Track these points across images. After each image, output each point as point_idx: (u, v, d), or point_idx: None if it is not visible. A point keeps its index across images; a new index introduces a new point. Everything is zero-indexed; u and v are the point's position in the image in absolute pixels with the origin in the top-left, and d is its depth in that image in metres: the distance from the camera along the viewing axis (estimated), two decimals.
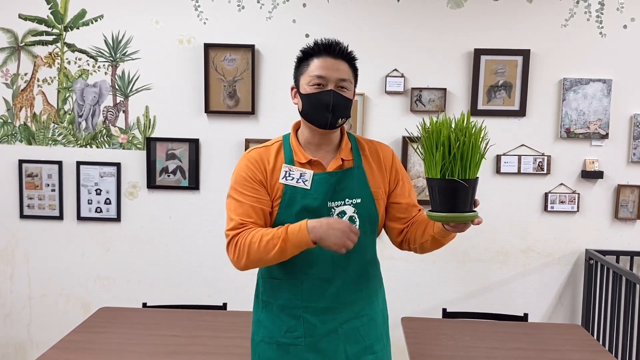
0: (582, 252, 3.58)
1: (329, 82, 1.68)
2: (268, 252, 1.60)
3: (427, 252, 1.78)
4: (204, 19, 3.51)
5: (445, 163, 1.48)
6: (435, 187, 1.51)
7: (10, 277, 3.68)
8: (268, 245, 1.60)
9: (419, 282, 3.61)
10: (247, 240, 1.63)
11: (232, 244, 1.67)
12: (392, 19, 3.49)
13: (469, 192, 1.50)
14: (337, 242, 1.55)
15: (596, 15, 3.45)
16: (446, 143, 1.48)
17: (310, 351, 1.72)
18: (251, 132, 3.56)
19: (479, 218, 1.53)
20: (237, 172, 1.75)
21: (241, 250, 1.64)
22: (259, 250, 1.61)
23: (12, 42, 3.56)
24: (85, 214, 3.62)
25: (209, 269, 3.62)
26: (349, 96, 1.71)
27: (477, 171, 1.52)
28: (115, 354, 2.22)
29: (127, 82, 3.56)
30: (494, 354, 2.32)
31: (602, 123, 3.48)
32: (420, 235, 1.73)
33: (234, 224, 1.68)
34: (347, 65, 1.71)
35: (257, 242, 1.61)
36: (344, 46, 1.71)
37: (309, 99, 1.69)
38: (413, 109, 3.50)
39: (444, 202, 1.50)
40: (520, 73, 3.48)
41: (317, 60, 1.69)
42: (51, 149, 3.61)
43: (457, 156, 1.47)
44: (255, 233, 1.63)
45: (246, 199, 1.70)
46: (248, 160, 1.74)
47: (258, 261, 1.64)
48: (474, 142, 1.49)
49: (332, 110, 1.67)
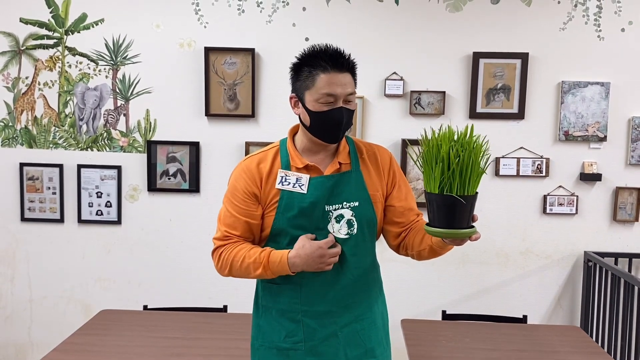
0: (581, 254, 3.59)
1: (338, 98, 1.65)
2: (249, 273, 1.69)
3: (424, 260, 1.79)
4: (205, 22, 3.53)
5: (444, 178, 1.47)
6: (434, 201, 1.50)
7: (11, 279, 3.69)
8: (249, 267, 1.68)
9: (419, 285, 3.62)
10: (230, 257, 1.71)
11: (217, 254, 1.75)
12: (392, 23, 3.51)
13: (467, 208, 1.48)
14: (318, 268, 1.64)
15: (594, 18, 3.47)
16: (445, 158, 1.46)
17: (310, 355, 1.71)
18: (251, 135, 3.57)
19: (476, 234, 1.53)
20: (232, 182, 1.77)
21: (224, 264, 1.73)
22: (241, 270, 1.70)
23: (14, 45, 3.58)
24: (86, 217, 3.63)
25: (209, 272, 3.58)
26: (354, 107, 1.72)
27: (477, 187, 1.50)
28: (116, 356, 2.22)
29: (127, 86, 3.58)
30: (493, 355, 2.33)
31: (600, 126, 3.50)
32: (418, 243, 1.74)
33: (219, 235, 1.76)
34: (350, 76, 1.69)
35: (239, 261, 1.69)
36: (347, 58, 1.68)
37: (318, 116, 1.67)
38: (412, 112, 3.51)
39: (442, 218, 1.49)
40: (519, 76, 3.49)
41: (324, 76, 1.64)
42: (52, 152, 3.62)
43: (456, 172, 1.45)
44: (239, 251, 1.70)
45: (235, 210, 1.73)
46: (242, 170, 1.75)
47: (240, 276, 1.73)
48: (473, 159, 1.46)
49: (343, 128, 1.68)
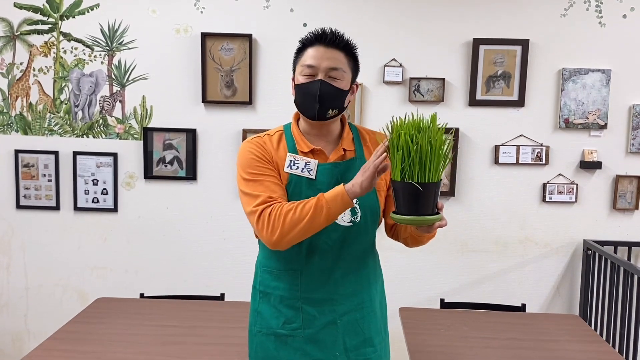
0: (580, 243, 3.58)
1: (319, 71, 1.64)
2: (303, 219, 1.53)
3: (412, 247, 1.79)
4: (201, 7, 3.49)
5: (405, 166, 1.48)
6: (398, 189, 1.51)
7: (6, 268, 3.67)
8: (304, 211, 1.53)
9: (417, 273, 3.61)
10: (283, 211, 1.55)
11: (264, 217, 1.57)
12: (391, 8, 3.47)
13: (430, 195, 1.49)
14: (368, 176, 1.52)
15: (595, 4, 3.44)
16: (405, 146, 1.47)
17: (308, 343, 1.70)
18: (248, 122, 3.54)
19: (442, 221, 1.52)
20: (245, 156, 1.68)
21: (276, 220, 1.55)
22: (297, 218, 1.53)
23: (8, 31, 3.53)
24: (82, 205, 3.61)
25: (207, 260, 3.62)
26: (341, 86, 1.67)
27: (439, 175, 1.50)
28: (112, 344, 2.21)
29: (123, 72, 3.54)
30: (491, 344, 2.32)
31: (601, 113, 3.47)
32: (402, 231, 1.76)
33: (261, 199, 1.59)
34: (343, 55, 1.67)
35: (292, 210, 1.54)
36: (338, 34, 1.67)
37: (299, 89, 1.67)
38: (411, 99, 3.49)
39: (405, 205, 1.50)
40: (519, 63, 3.46)
41: (310, 49, 1.66)
42: (47, 139, 3.59)
43: (416, 160, 1.46)
44: (290, 205, 1.56)
45: (265, 177, 1.64)
46: (252, 144, 1.70)
47: (292, 231, 1.54)
48: (434, 146, 1.47)
49: (320, 101, 1.63)
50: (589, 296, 3.49)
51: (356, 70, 1.74)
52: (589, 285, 3.49)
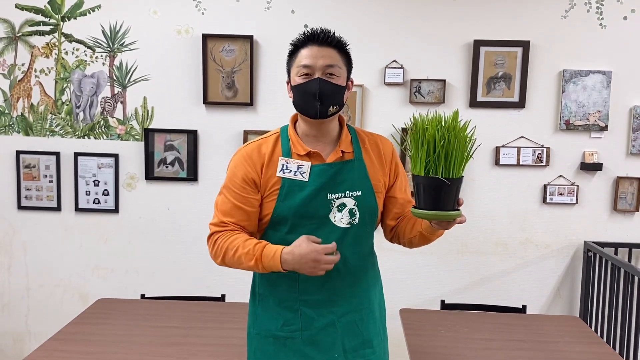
0: (581, 244, 3.58)
1: (316, 70, 1.65)
2: (241, 264, 1.66)
3: (415, 248, 1.79)
4: (202, 9, 3.49)
5: (430, 161, 1.49)
6: (420, 184, 1.52)
7: (7, 268, 3.68)
8: (241, 258, 1.64)
9: (418, 274, 3.61)
10: (225, 245, 1.67)
11: (212, 241, 1.72)
12: (392, 9, 3.47)
13: (452, 190, 1.50)
14: (311, 272, 1.58)
15: (596, 6, 3.44)
16: (431, 141, 1.49)
17: (307, 344, 1.70)
18: (249, 124, 3.54)
19: (462, 217, 1.54)
20: (231, 168, 1.75)
21: (218, 251, 1.70)
22: (233, 259, 1.67)
23: (9, 32, 3.54)
24: (83, 205, 3.61)
25: (207, 261, 3.57)
26: (339, 82, 1.68)
27: (462, 171, 1.52)
28: (113, 345, 2.21)
29: (125, 73, 3.55)
30: (492, 345, 2.32)
31: (601, 115, 3.47)
32: (409, 230, 1.74)
33: (216, 221, 1.73)
34: (336, 52, 1.68)
35: (233, 250, 1.65)
36: (329, 32, 1.68)
37: (297, 89, 1.68)
38: (412, 101, 3.49)
39: (427, 200, 1.51)
40: (520, 64, 3.46)
41: (303, 50, 1.68)
42: (49, 139, 3.59)
43: (442, 155, 1.48)
44: (234, 241, 1.66)
45: (233, 197, 1.71)
46: (242, 156, 1.73)
47: (233, 266, 1.70)
48: (459, 142, 1.49)
49: (320, 98, 1.64)
50: (590, 298, 3.49)
51: (350, 67, 1.75)
52: (590, 286, 3.49)
